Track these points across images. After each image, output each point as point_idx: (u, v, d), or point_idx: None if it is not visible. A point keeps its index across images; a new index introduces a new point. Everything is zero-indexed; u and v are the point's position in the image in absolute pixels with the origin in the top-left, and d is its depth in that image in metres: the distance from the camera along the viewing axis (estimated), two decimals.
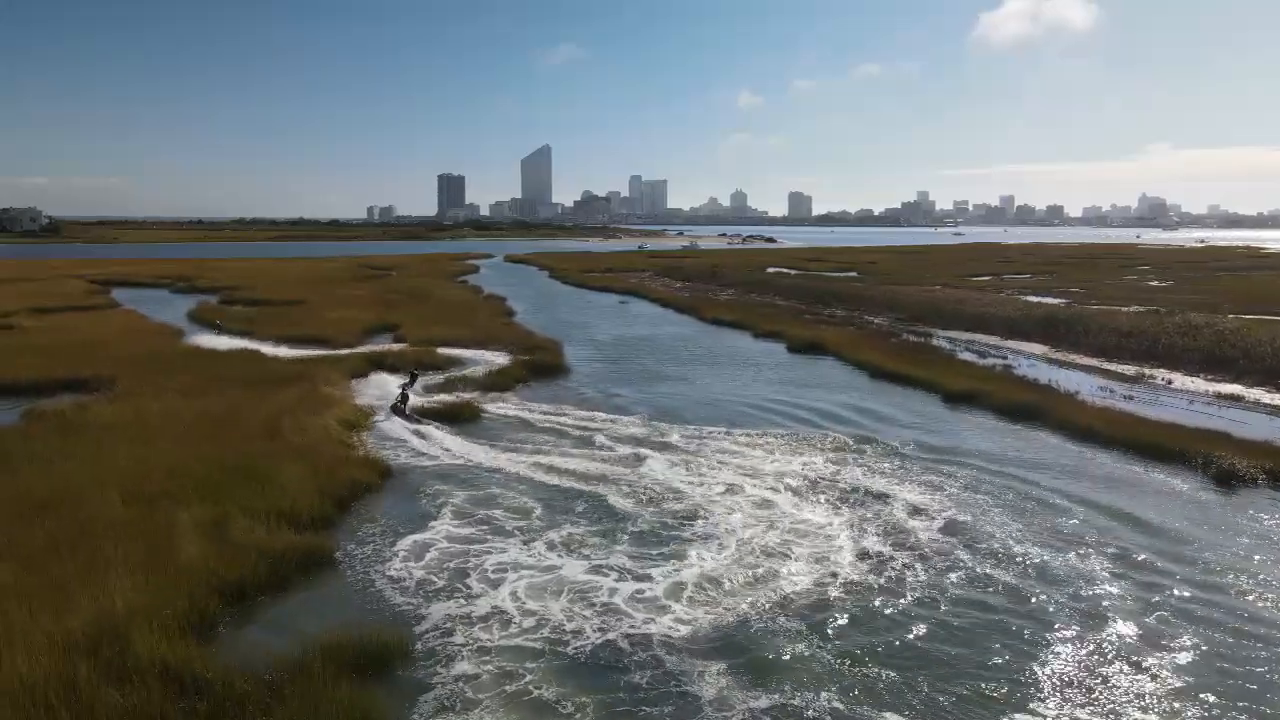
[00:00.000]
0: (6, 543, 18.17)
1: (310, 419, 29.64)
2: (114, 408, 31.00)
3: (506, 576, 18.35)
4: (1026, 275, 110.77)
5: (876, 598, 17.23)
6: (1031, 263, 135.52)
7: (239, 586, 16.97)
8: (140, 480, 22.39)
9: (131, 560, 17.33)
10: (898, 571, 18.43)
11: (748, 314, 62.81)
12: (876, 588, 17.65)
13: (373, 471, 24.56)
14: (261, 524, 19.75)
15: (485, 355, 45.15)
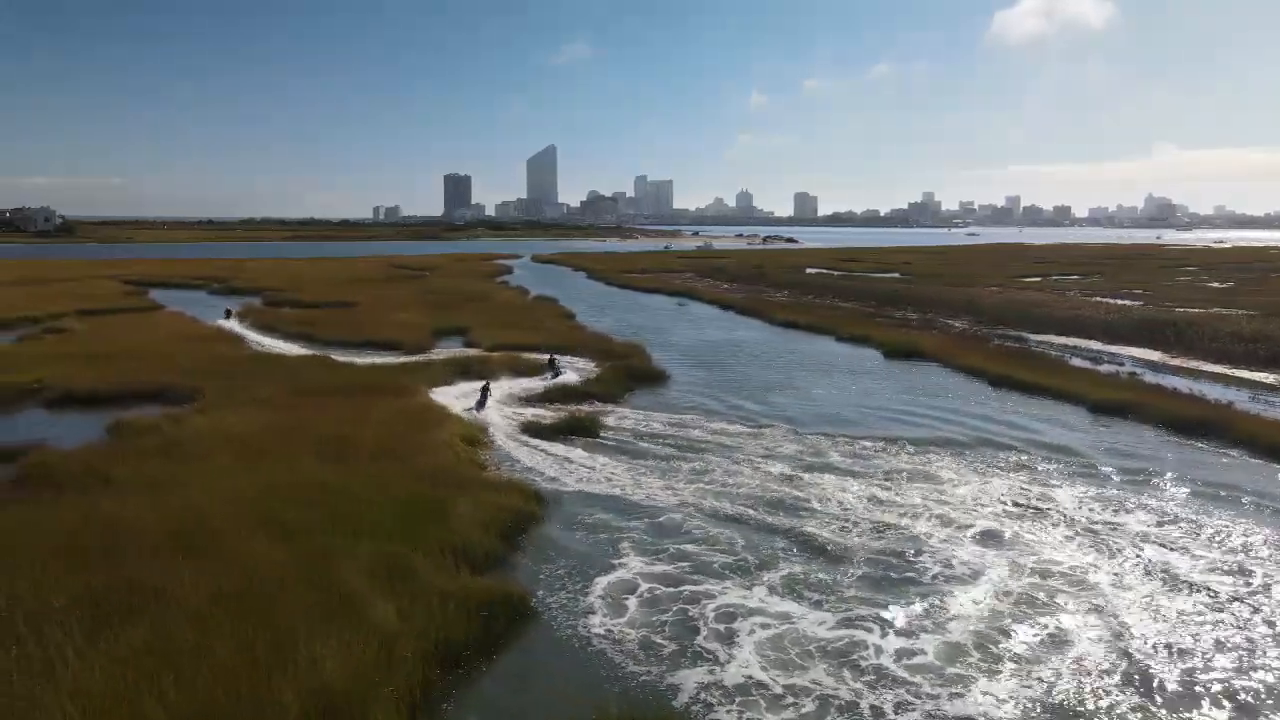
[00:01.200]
0: (163, 589, 15.56)
1: (428, 435, 27.09)
2: (207, 421, 28.40)
3: (739, 630, 15.73)
4: (1074, 276, 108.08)
5: (1199, 663, 14.59)
6: (1069, 264, 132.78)
7: (449, 649, 14.36)
8: (274, 510, 19.83)
9: (315, 613, 14.76)
10: (1209, 629, 15.76)
11: (820, 317, 60.19)
12: (1196, 652, 14.99)
13: (527, 498, 21.92)
14: (438, 565, 17.17)
15: (572, 362, 42.55)
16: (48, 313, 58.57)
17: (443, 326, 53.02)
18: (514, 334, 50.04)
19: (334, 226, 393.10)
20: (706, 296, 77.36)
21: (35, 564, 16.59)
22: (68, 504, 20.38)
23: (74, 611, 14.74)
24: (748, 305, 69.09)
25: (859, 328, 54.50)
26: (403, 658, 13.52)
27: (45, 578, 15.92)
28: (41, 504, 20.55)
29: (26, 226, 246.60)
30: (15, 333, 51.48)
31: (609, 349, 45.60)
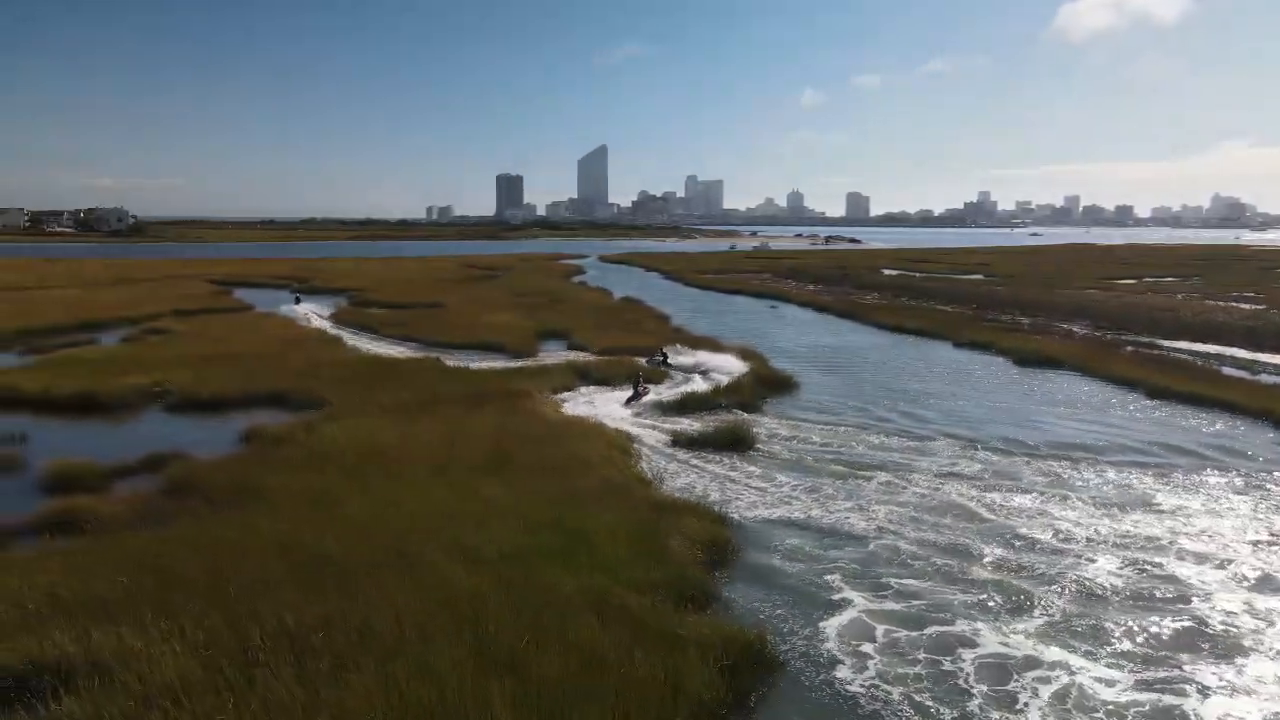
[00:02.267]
0: (372, 622, 14.08)
1: (579, 447, 25.46)
2: (342, 430, 27.06)
3: (1017, 690, 13.71)
4: (1169, 278, 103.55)
5: None
6: (1157, 265, 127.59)
7: (703, 706, 12.57)
8: (455, 533, 18.32)
9: (554, 658, 13.11)
10: None
11: (927, 321, 57.56)
12: None
13: (714, 521, 20.10)
14: (653, 602, 15.42)
15: (692, 367, 40.74)
16: (144, 313, 58.51)
17: (544, 329, 51.58)
18: (618, 337, 48.45)
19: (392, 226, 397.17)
20: (797, 299, 75.03)
21: (258, 587, 15.43)
22: (235, 521, 19.13)
23: (298, 641, 13.49)
24: (845, 308, 66.61)
25: (974, 333, 51.86)
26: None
27: (277, 601, 14.76)
28: (208, 519, 19.33)
29: (100, 226, 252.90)
30: (117, 333, 51.31)
31: (721, 351, 43.76)
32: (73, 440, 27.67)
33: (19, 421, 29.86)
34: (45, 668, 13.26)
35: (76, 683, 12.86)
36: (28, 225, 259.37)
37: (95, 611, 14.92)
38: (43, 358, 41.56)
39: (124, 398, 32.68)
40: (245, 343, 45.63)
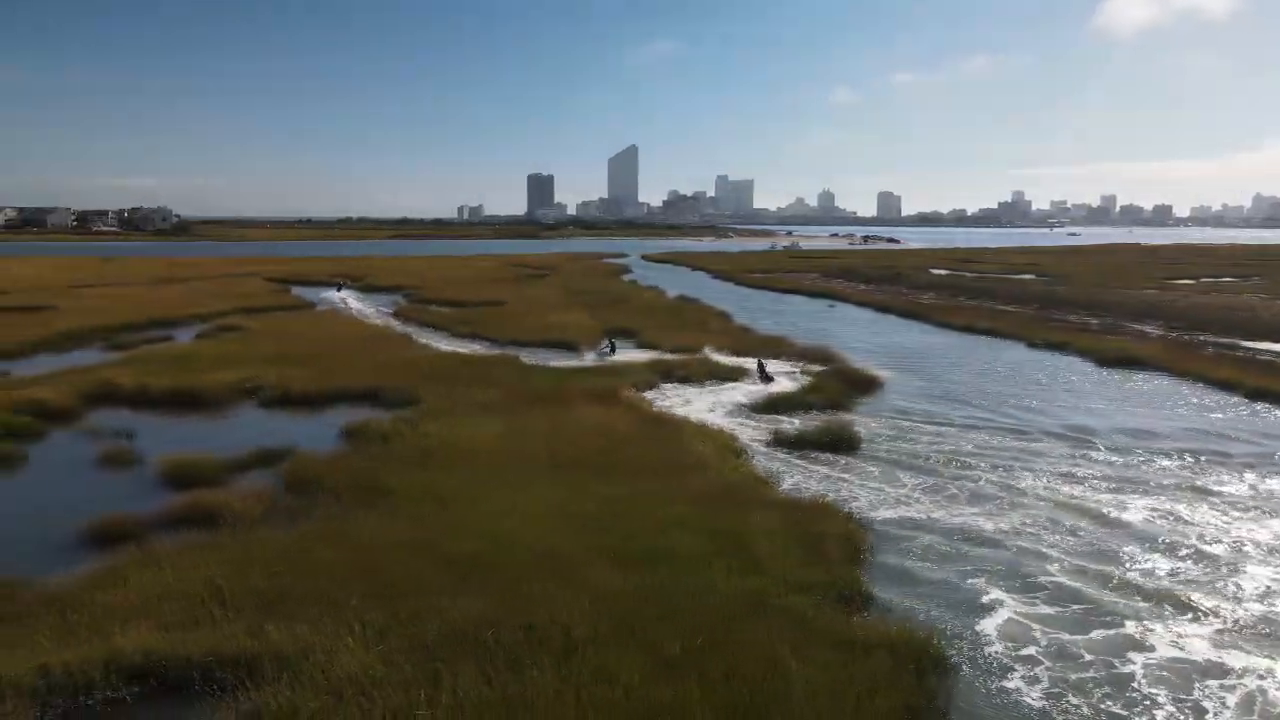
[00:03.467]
0: (566, 627, 14.00)
1: (686, 447, 25.30)
2: (444, 428, 27.04)
3: (1204, 695, 13.33)
4: (1227, 278, 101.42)
5: None
6: (1211, 264, 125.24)
7: (908, 711, 12.32)
8: (586, 532, 18.23)
9: (733, 659, 12.94)
10: None
11: (994, 321, 56.76)
12: None
13: (846, 522, 19.81)
14: (817, 604, 15.20)
15: (770, 365, 40.41)
16: (213, 310, 59.30)
17: (611, 327, 51.45)
18: (687, 336, 48.26)
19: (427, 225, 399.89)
20: (854, 298, 74.37)
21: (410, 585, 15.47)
22: (368, 518, 19.16)
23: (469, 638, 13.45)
24: (906, 308, 65.91)
25: (1046, 333, 51.05)
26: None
27: (433, 599, 14.82)
28: (341, 517, 19.37)
29: (145, 225, 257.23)
30: (190, 330, 52.01)
31: (796, 353, 43.47)
32: (178, 436, 27.99)
33: (120, 416, 30.32)
34: (226, 660, 13.33)
35: (262, 675, 12.92)
36: (75, 225, 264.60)
37: (258, 605, 15.01)
38: (127, 354, 42.17)
39: (219, 394, 33.00)
40: (319, 340, 45.99)
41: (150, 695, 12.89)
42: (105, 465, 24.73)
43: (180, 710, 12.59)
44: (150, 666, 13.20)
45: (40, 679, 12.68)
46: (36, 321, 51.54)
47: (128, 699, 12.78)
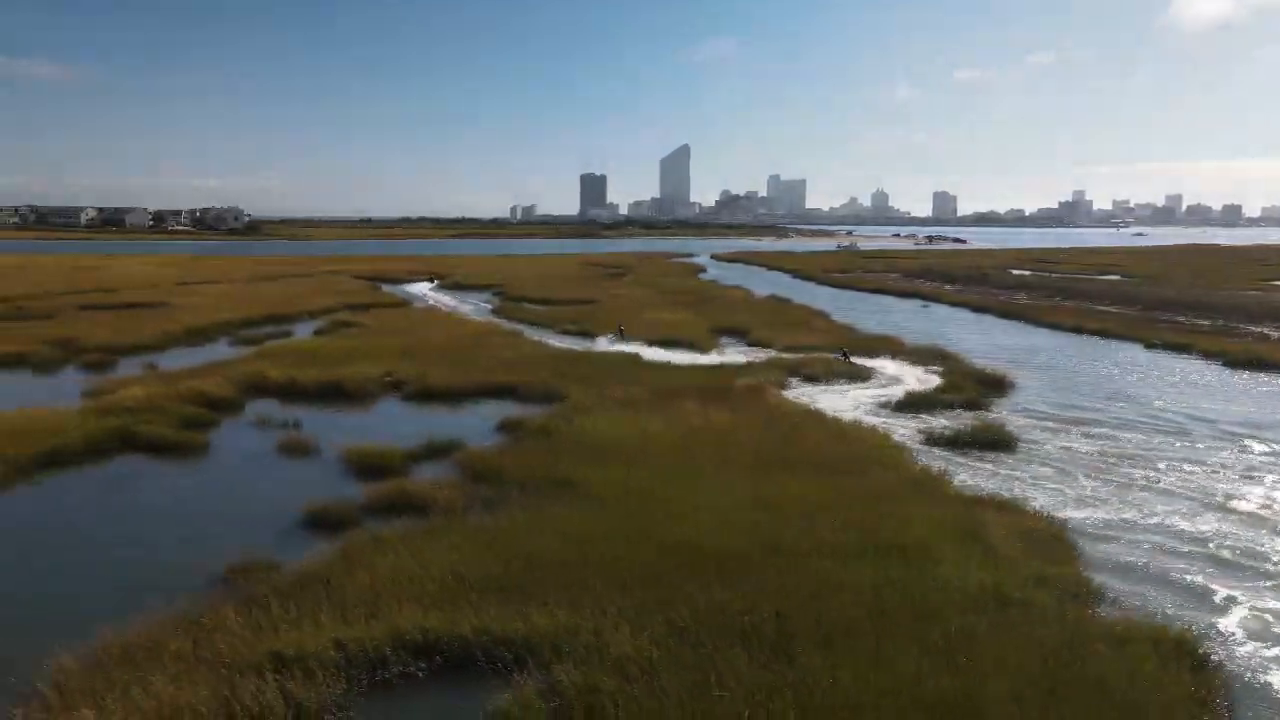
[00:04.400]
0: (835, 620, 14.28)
1: (849, 443, 25.46)
2: (601, 424, 27.32)
3: None
4: None
5: None
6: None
7: (1203, 708, 12.35)
8: (791, 526, 18.45)
9: (999, 652, 13.08)
10: None
11: (1103, 322, 55.80)
12: None
13: (1046, 520, 19.75)
14: (1058, 598, 15.25)
15: (889, 365, 40.37)
16: (320, 307, 60.96)
17: (717, 326, 51.74)
18: (795, 334, 48.35)
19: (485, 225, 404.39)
20: (946, 298, 73.67)
21: (643, 573, 15.85)
22: (568, 510, 19.59)
23: (726, 624, 13.76)
24: (1003, 308, 65.11)
25: (1161, 334, 50.08)
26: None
27: (671, 586, 15.17)
28: (540, 508, 19.80)
29: (218, 225, 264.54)
30: (305, 326, 53.55)
31: (913, 353, 43.24)
32: (338, 426, 28.90)
33: (277, 407, 31.35)
34: (499, 640, 13.83)
35: (539, 655, 13.39)
36: (151, 225, 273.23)
37: (501, 590, 15.48)
38: (257, 349, 43.52)
39: (363, 387, 33.96)
40: (432, 336, 46.93)
41: (438, 671, 13.45)
42: (287, 454, 25.66)
43: (471, 686, 13.11)
44: (431, 644, 13.79)
45: (339, 654, 13.31)
46: (161, 317, 53.43)
47: (419, 674, 13.35)
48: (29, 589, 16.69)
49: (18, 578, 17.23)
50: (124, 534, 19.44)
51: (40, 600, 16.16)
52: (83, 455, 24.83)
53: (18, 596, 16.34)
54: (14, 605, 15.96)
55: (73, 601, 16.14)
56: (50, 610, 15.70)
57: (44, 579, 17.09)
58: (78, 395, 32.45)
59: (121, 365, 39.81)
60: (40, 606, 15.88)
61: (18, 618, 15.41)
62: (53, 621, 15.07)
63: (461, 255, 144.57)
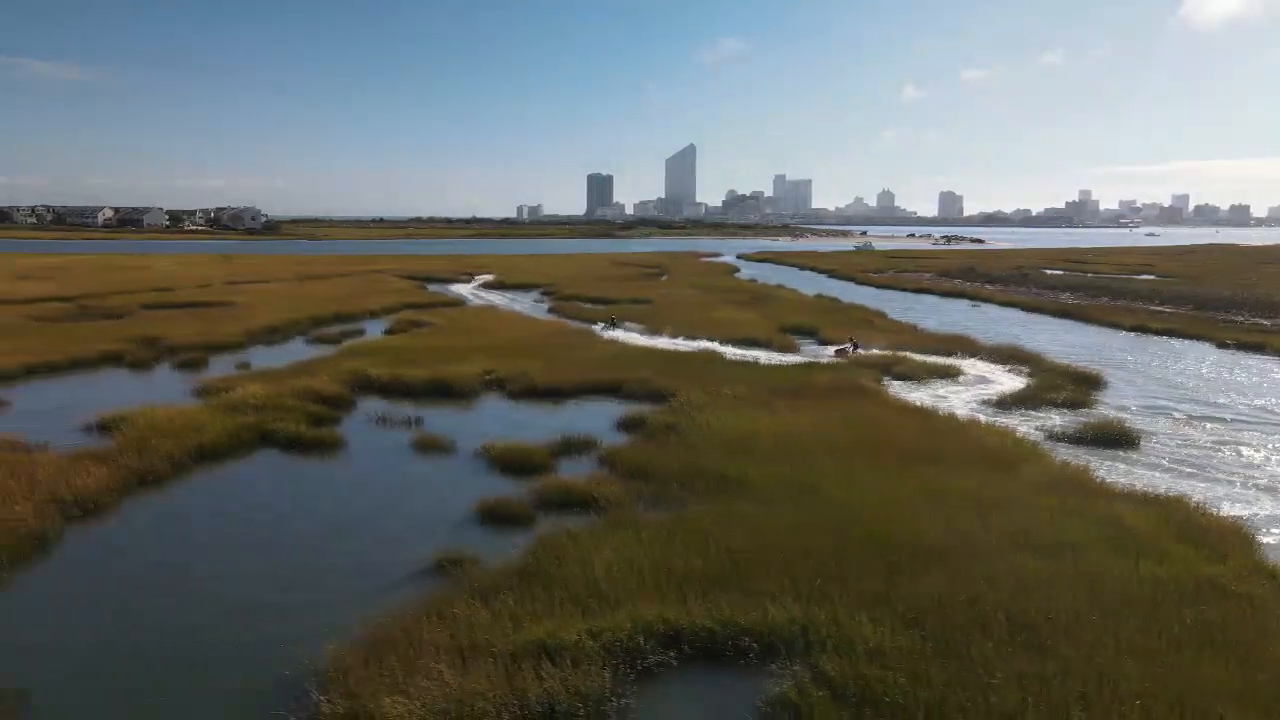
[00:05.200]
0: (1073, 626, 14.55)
1: (984, 440, 25.71)
2: (723, 420, 27.62)
3: None
4: None
5: None
6: None
7: None
8: (965, 520, 18.71)
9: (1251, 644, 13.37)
10: None
11: (1170, 322, 56.02)
12: None
13: (1215, 515, 20.03)
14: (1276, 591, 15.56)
15: (971, 364, 40.59)
16: (381, 306, 61.45)
17: (786, 325, 52.02)
18: (865, 334, 48.55)
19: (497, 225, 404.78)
20: (994, 299, 73.87)
21: (852, 566, 16.15)
22: (750, 506, 19.85)
23: (949, 617, 14.03)
24: (1057, 308, 65.32)
25: (1231, 334, 50.27)
26: None
27: (886, 580, 15.50)
28: (718, 504, 20.06)
29: (235, 225, 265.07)
30: (372, 324, 53.92)
31: (991, 352, 43.40)
32: (459, 424, 29.17)
33: (390, 405, 31.63)
34: (740, 630, 14.13)
35: (788, 645, 13.69)
36: (168, 225, 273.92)
37: (712, 582, 15.76)
38: (340, 348, 43.89)
39: (468, 385, 34.27)
40: (505, 334, 47.20)
41: (689, 661, 13.75)
42: (424, 451, 25.94)
43: (727, 675, 13.41)
44: (677, 634, 14.09)
45: (595, 643, 13.61)
46: (230, 316, 53.80)
47: (673, 663, 13.65)
48: (261, 584, 16.90)
49: (243, 572, 17.45)
50: (314, 530, 19.72)
51: (277, 596, 16.39)
52: (228, 452, 25.19)
53: (260, 594, 16.54)
54: (260, 598, 16.25)
55: (306, 594, 16.43)
56: (291, 604, 16.01)
57: (266, 576, 17.28)
58: (188, 393, 32.82)
59: (214, 364, 40.11)
60: (280, 602, 16.13)
61: (267, 612, 15.73)
62: (299, 614, 15.48)
63: (488, 255, 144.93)
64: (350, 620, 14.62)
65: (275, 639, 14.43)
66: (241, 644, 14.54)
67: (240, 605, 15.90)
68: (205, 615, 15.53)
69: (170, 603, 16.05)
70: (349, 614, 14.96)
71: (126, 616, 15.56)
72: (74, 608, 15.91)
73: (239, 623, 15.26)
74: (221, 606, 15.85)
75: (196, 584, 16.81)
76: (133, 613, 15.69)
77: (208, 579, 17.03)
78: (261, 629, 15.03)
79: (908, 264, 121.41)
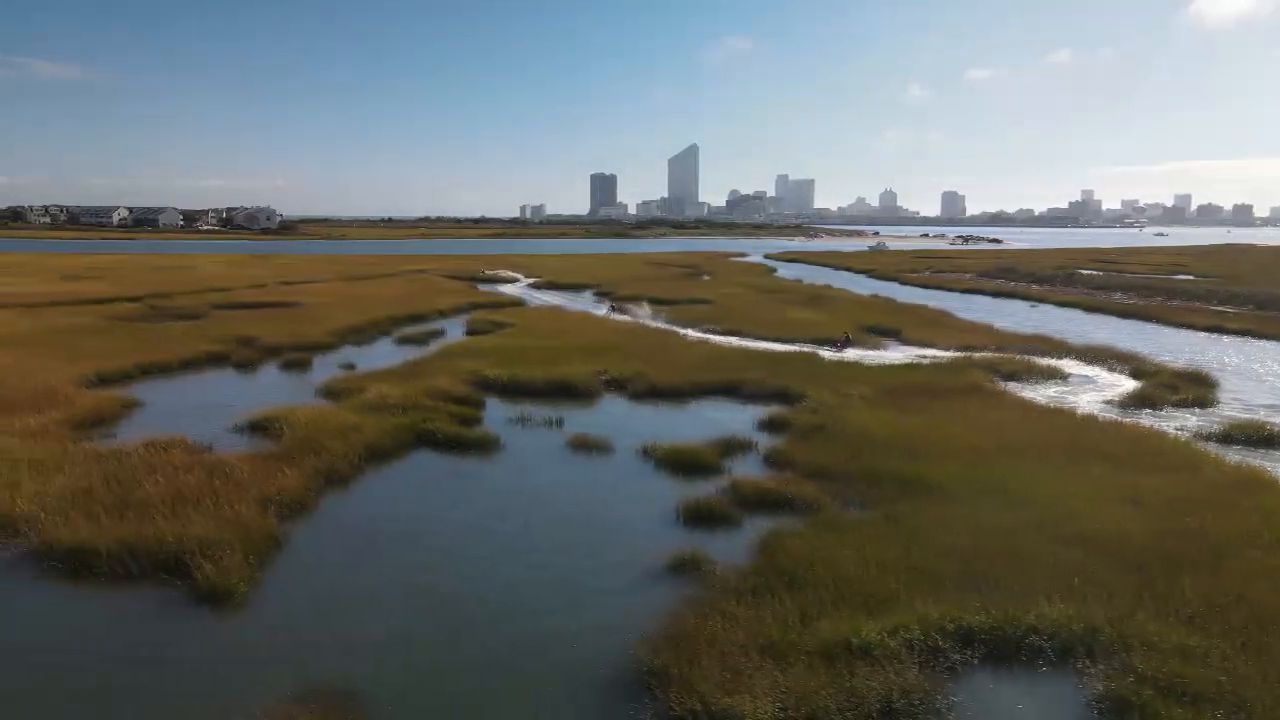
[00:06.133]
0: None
1: (1150, 440, 25.85)
2: (868, 420, 27.79)
3: None
4: None
5: None
6: None
7: None
8: (1177, 520, 18.83)
9: None
10: None
11: (1246, 323, 56.12)
12: None
13: None
14: None
15: (1071, 365, 40.69)
16: (449, 306, 61.83)
17: (865, 325, 52.14)
18: (948, 335, 48.86)
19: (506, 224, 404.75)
20: (1050, 299, 74.04)
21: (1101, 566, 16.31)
22: (961, 507, 19.96)
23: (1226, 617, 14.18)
24: (1121, 309, 65.52)
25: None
26: None
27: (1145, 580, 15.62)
28: (925, 506, 20.17)
29: (251, 225, 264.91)
30: (448, 324, 54.03)
31: (1081, 352, 43.53)
32: (597, 423, 29.24)
33: (520, 405, 31.68)
34: (1028, 630, 14.24)
35: (1086, 648, 13.81)
36: (182, 225, 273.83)
37: (956, 582, 15.89)
38: (434, 348, 43.94)
39: (589, 385, 34.38)
40: (589, 334, 47.24)
41: (988, 659, 13.85)
42: (584, 451, 26.00)
43: (1038, 674, 13.52)
44: (966, 633, 14.19)
45: (896, 642, 13.72)
46: (305, 317, 53.82)
47: (975, 661, 13.77)
48: (520, 584, 16.99)
49: (499, 574, 17.49)
50: (534, 531, 19.77)
51: (542, 594, 16.51)
52: (391, 452, 25.29)
53: (524, 593, 16.64)
54: (527, 597, 16.37)
55: (565, 593, 16.56)
56: (556, 603, 16.15)
57: (520, 577, 17.32)
58: (312, 393, 32.92)
59: (317, 365, 40.22)
60: (546, 600, 16.26)
61: (542, 610, 15.84)
62: (569, 612, 15.66)
63: (517, 255, 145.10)
64: (620, 618, 14.88)
65: (566, 636, 14.60)
66: (543, 640, 14.64)
67: (515, 605, 15.99)
68: (492, 616, 15.57)
69: (449, 596, 16.18)
70: (615, 612, 15.22)
71: (422, 615, 15.63)
72: (370, 605, 15.98)
73: (528, 621, 15.36)
74: (503, 607, 15.91)
75: (459, 585, 16.89)
76: (425, 611, 15.78)
77: (470, 580, 17.09)
78: (548, 625, 15.18)
79: (940, 264, 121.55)
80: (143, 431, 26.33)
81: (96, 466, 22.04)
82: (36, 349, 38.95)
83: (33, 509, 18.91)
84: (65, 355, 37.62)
